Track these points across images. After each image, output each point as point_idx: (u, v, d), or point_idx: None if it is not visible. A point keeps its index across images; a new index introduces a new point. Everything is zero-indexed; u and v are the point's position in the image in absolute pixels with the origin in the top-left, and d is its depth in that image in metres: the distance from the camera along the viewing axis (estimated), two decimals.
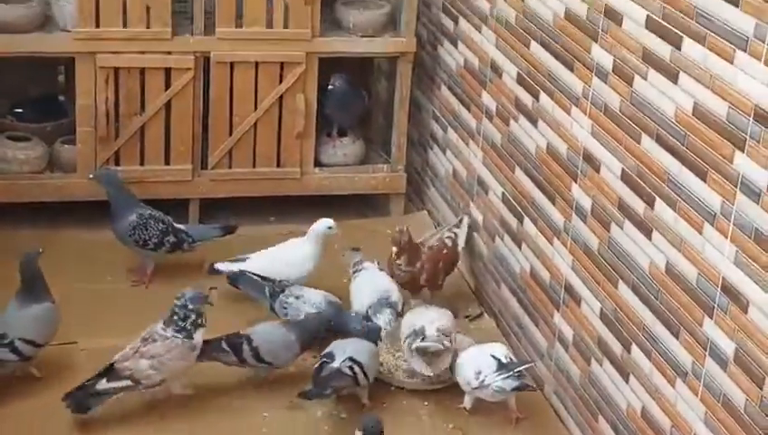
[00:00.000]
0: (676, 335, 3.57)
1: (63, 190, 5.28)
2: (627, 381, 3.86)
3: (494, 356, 4.22)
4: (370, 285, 4.70)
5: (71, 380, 4.25)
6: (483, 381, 4.16)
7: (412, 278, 4.76)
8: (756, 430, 3.19)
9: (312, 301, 4.57)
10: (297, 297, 4.59)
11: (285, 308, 4.56)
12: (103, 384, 4.06)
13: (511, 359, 4.23)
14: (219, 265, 4.86)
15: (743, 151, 3.23)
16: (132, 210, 4.91)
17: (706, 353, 3.41)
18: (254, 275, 4.74)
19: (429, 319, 4.37)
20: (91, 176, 5.03)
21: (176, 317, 4.16)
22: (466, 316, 4.93)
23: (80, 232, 5.17)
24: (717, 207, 3.35)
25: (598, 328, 4.05)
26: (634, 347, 3.82)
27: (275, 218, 5.54)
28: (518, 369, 4.16)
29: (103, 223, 5.01)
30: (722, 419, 3.34)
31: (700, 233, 3.44)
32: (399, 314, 4.56)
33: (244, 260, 4.88)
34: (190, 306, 4.17)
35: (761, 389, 3.16)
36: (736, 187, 3.26)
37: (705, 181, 3.40)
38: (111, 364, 4.10)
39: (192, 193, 5.47)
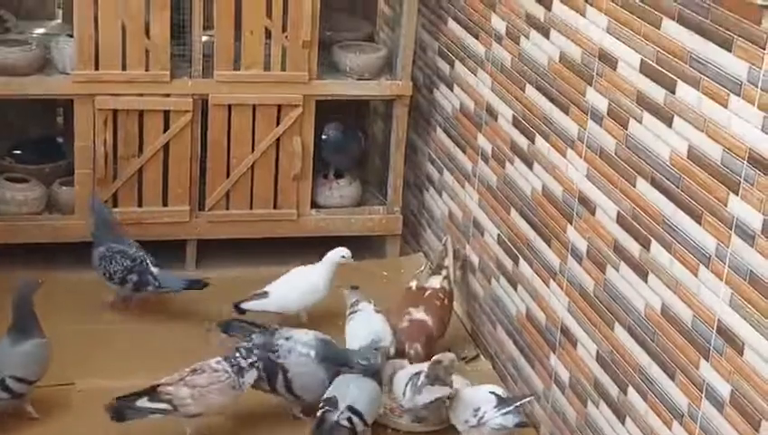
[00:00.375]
0: (672, 377, 3.58)
1: (61, 232, 5.29)
2: (623, 423, 3.87)
3: (492, 392, 4.23)
4: (366, 327, 4.72)
5: (68, 420, 4.26)
6: (482, 417, 4.17)
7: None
8: None
9: (303, 340, 4.56)
10: (287, 338, 4.58)
11: (276, 351, 4.53)
12: (143, 402, 4.13)
13: (509, 395, 4.25)
14: (245, 305, 4.95)
15: (737, 194, 3.26)
16: (105, 243, 4.99)
17: (702, 395, 3.43)
18: (243, 322, 4.73)
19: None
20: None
21: (237, 354, 4.27)
22: (463, 358, 4.93)
23: (76, 273, 5.17)
24: (712, 249, 3.38)
25: (594, 370, 4.06)
26: (630, 389, 3.83)
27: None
28: (519, 402, 4.17)
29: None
30: None
31: (695, 275, 3.46)
32: (389, 357, 4.58)
33: (266, 295, 4.99)
34: (256, 351, 4.28)
35: (757, 431, 3.18)
36: (731, 229, 3.29)
37: (699, 224, 3.43)
38: (156, 386, 4.17)
39: (189, 234, 5.49)
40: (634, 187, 3.78)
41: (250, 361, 4.27)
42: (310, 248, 5.38)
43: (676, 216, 3.55)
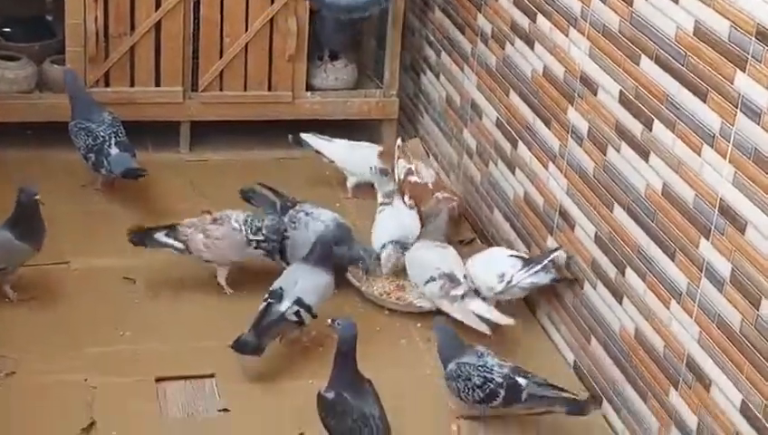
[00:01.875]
0: (672, 257, 3.57)
1: (53, 110, 5.20)
2: (620, 303, 3.87)
3: (513, 256, 4.26)
4: (395, 222, 4.67)
5: (64, 299, 4.26)
6: (509, 281, 4.18)
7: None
8: (751, 350, 3.20)
9: (321, 219, 4.53)
10: (307, 214, 4.56)
11: (294, 223, 4.51)
12: (161, 236, 4.35)
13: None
14: (306, 136, 5.15)
15: (744, 71, 3.20)
16: (76, 117, 4.95)
17: (702, 275, 3.41)
18: (267, 188, 4.76)
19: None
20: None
21: (257, 221, 4.39)
22: (460, 241, 4.92)
23: (69, 153, 5.11)
24: (717, 128, 3.33)
25: (592, 251, 4.05)
26: (628, 270, 3.82)
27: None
28: (550, 258, 4.16)
29: None
30: (716, 339, 3.35)
31: (699, 154, 3.42)
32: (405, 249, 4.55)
33: (330, 140, 5.18)
34: (272, 235, 4.37)
35: (757, 309, 3.17)
36: (737, 107, 3.24)
37: (704, 102, 3.38)
38: (176, 224, 4.37)
39: (182, 116, 5.42)
40: (638, 65, 3.72)
41: (262, 237, 4.36)
42: (304, 132, 5.31)
43: (681, 94, 3.49)
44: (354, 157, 5.17)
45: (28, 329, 4.16)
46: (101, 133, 4.87)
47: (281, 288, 4.07)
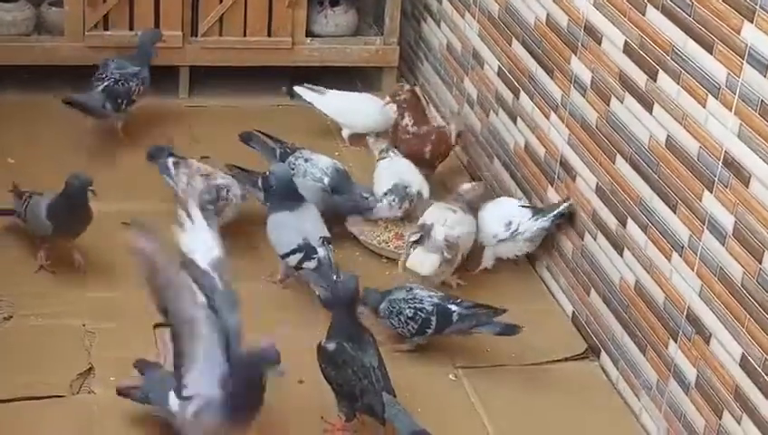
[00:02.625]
0: (674, 209, 3.55)
1: (51, 54, 5.16)
2: (621, 255, 3.86)
3: (524, 206, 4.29)
4: (393, 171, 4.62)
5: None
6: (516, 230, 4.19)
7: (418, 146, 4.74)
8: (752, 303, 3.19)
9: (320, 165, 4.51)
10: (306, 160, 4.54)
11: (293, 169, 4.48)
12: (169, 163, 4.45)
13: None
14: (299, 89, 5.13)
15: (752, 22, 3.16)
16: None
17: (704, 227, 3.40)
18: (265, 135, 4.73)
19: (444, 220, 4.22)
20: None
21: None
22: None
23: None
24: (723, 79, 3.30)
25: (593, 202, 4.03)
26: (629, 221, 3.80)
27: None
28: (560, 209, 4.16)
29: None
30: (717, 292, 3.34)
31: (703, 106, 3.39)
32: (411, 201, 4.52)
33: (323, 93, 5.16)
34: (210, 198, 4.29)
35: (759, 263, 3.16)
36: (743, 59, 3.20)
37: (711, 53, 3.35)
38: (182, 158, 4.48)
39: (182, 60, 5.38)
40: (643, 15, 3.68)
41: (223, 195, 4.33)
42: (304, 79, 5.28)
43: (687, 45, 3.46)
44: (347, 109, 5.14)
45: (26, 272, 4.14)
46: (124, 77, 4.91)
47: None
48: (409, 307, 3.84)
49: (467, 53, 5.08)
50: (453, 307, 3.83)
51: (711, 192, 3.37)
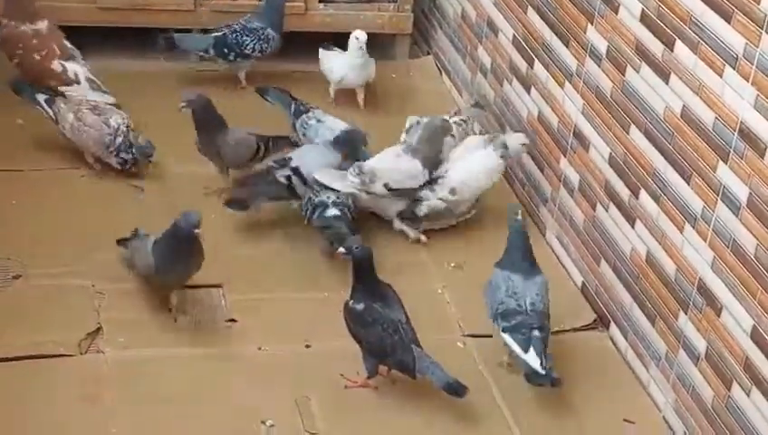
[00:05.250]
0: (688, 180, 3.53)
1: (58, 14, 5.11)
2: (633, 226, 3.84)
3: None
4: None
5: (73, 203, 4.25)
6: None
7: None
8: (765, 275, 3.17)
9: (332, 127, 4.49)
10: (319, 120, 4.53)
11: (305, 129, 4.49)
12: (40, 97, 4.54)
13: None
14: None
15: None
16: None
17: (718, 198, 3.38)
18: (282, 90, 4.79)
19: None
20: None
21: (132, 137, 4.47)
22: None
23: None
24: (740, 49, 3.27)
25: (605, 173, 4.01)
26: (642, 192, 3.78)
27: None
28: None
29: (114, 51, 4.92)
30: (730, 264, 3.32)
31: (720, 76, 3.36)
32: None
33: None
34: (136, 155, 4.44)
35: None
36: (762, 28, 3.17)
37: (729, 23, 3.31)
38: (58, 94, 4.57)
39: (194, 23, 5.35)
40: None
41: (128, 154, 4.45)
42: (316, 44, 5.25)
43: (705, 15, 3.42)
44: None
45: (36, 232, 4.14)
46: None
47: (289, 158, 4.27)
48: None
49: (482, 21, 5.05)
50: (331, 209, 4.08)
51: (726, 163, 3.34)
